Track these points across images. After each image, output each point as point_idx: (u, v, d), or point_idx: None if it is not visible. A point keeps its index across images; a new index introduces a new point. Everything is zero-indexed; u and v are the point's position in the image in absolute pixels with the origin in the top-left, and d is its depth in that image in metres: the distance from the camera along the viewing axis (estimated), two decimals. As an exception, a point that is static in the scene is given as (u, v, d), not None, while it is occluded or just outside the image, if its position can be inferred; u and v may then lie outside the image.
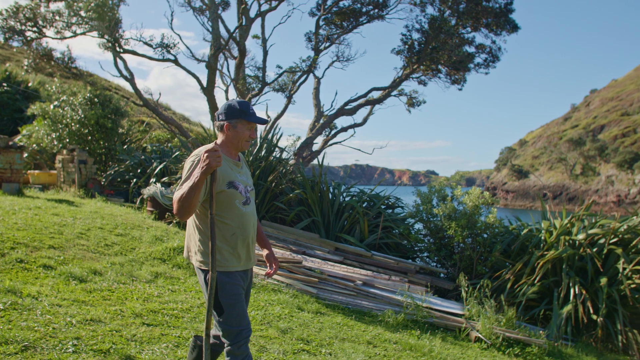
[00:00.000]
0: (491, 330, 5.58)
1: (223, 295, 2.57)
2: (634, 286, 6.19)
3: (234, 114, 2.67)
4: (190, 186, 2.36)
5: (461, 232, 7.06)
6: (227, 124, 2.68)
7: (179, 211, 2.41)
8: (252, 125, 2.72)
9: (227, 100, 2.76)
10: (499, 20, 13.40)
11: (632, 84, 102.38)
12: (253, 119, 2.69)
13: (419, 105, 16.02)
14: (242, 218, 2.66)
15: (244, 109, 2.69)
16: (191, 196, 2.37)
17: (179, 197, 2.40)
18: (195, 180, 2.36)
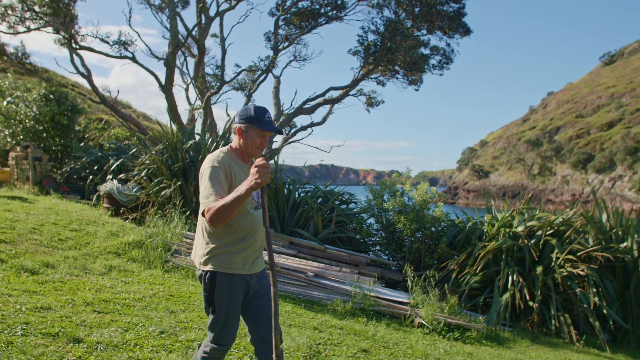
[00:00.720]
0: (434, 316, 5.90)
1: (219, 297, 2.56)
2: (566, 274, 6.63)
3: (247, 118, 2.61)
4: (234, 198, 2.32)
5: (410, 226, 7.39)
6: (240, 128, 2.63)
7: (215, 220, 2.37)
8: (265, 133, 2.64)
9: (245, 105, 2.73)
10: (452, 23, 13.91)
11: (586, 88, 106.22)
12: (265, 126, 2.61)
13: (378, 105, 16.45)
14: (252, 222, 2.65)
15: (258, 116, 2.62)
16: (234, 208, 2.33)
17: (219, 207, 2.34)
18: (240, 193, 2.31)
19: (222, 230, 2.58)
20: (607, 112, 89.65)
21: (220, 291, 2.55)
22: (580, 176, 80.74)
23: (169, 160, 8.46)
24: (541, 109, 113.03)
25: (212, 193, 2.43)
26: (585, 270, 6.54)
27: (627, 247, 7.04)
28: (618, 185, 76.21)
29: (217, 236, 2.58)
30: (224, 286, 2.55)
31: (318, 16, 14.82)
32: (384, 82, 16.05)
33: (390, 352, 4.55)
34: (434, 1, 13.41)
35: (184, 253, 6.69)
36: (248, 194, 2.32)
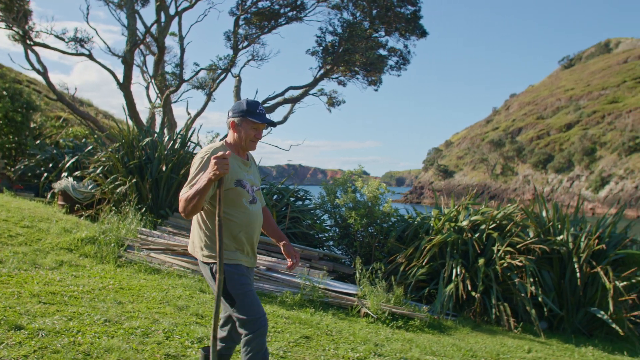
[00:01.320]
0: (379, 306, 6.17)
1: (232, 286, 2.59)
2: (505, 265, 7.00)
3: (240, 112, 2.67)
4: (196, 189, 2.39)
5: (360, 221, 7.65)
6: (233, 122, 2.69)
7: (184, 210, 2.45)
8: (259, 125, 2.68)
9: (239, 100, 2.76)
10: (408, 26, 14.31)
11: (546, 90, 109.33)
12: (258, 118, 2.65)
13: (339, 105, 16.75)
14: (248, 216, 2.68)
15: (251, 109, 2.66)
16: (196, 199, 2.39)
17: (185, 198, 2.43)
18: (202, 184, 2.38)
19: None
20: (566, 114, 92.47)
21: (232, 281, 2.60)
22: (540, 176, 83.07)
23: (125, 157, 8.50)
24: (504, 110, 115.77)
25: (189, 185, 2.50)
26: (524, 262, 6.92)
27: (563, 240, 7.47)
28: (576, 184, 78.74)
29: (214, 230, 2.61)
30: (234, 276, 2.61)
31: (278, 16, 15.02)
32: (344, 82, 16.39)
33: (332, 339, 4.77)
34: (390, 4, 13.80)
35: (137, 248, 6.78)
36: (208, 186, 2.38)
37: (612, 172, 75.10)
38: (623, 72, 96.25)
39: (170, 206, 8.52)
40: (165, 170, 8.40)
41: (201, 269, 2.75)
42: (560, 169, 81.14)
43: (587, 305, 7.25)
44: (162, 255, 6.75)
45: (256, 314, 2.59)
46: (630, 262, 7.46)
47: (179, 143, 8.97)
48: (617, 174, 74.10)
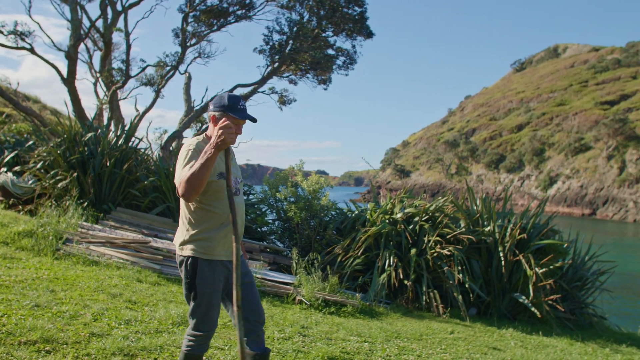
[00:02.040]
0: (313, 294, 6.45)
1: (201, 282, 2.57)
2: (435, 254, 7.41)
3: (221, 106, 2.63)
4: (202, 163, 2.34)
5: (300, 214, 7.92)
6: (214, 116, 2.65)
7: (187, 190, 2.37)
8: (239, 121, 2.63)
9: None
10: (355, 26, 14.71)
11: (499, 92, 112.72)
12: (239, 114, 2.62)
13: (290, 104, 17.00)
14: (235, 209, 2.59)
15: (232, 104, 2.63)
16: (203, 173, 2.34)
17: (188, 177, 2.35)
18: (208, 156, 2.34)
19: (203, 216, 2.61)
20: (517, 115, 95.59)
21: (202, 277, 2.56)
22: (493, 175, 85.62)
23: (67, 152, 8.50)
24: (459, 111, 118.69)
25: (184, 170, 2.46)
26: (452, 251, 7.35)
27: (490, 231, 7.95)
28: (526, 183, 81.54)
29: (198, 222, 2.61)
30: (206, 272, 2.57)
31: (227, 15, 15.12)
32: (295, 81, 16.65)
33: (261, 322, 5.01)
34: (337, 4, 14.17)
35: (75, 241, 6.83)
36: (215, 156, 2.35)
37: (559, 171, 78.15)
38: (570, 76, 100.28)
39: (114, 201, 8.57)
40: (109, 166, 8.44)
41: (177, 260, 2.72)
42: (511, 168, 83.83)
43: (512, 291, 7.74)
44: (101, 247, 6.82)
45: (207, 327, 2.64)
46: (551, 251, 8.02)
47: (123, 139, 9.01)
48: (564, 173, 77.16)
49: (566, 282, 8.20)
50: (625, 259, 36.18)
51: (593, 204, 71.29)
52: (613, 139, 73.47)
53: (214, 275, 2.60)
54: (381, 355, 4.51)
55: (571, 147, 78.66)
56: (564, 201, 74.30)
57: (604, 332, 7.89)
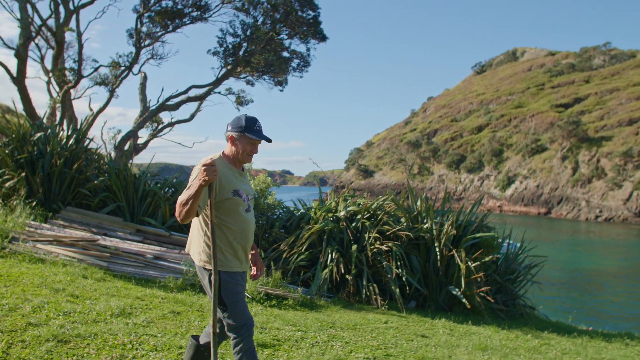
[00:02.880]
0: (256, 288, 6.76)
1: (226, 294, 2.82)
2: (375, 250, 7.83)
3: (239, 128, 2.85)
4: (188, 195, 2.60)
5: (247, 212, 8.23)
6: (232, 136, 2.87)
7: (179, 215, 2.65)
8: (255, 141, 2.87)
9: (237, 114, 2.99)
10: (309, 30, 15.08)
11: (460, 94, 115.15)
12: (256, 135, 2.85)
13: (247, 104, 17.23)
14: (244, 224, 2.89)
15: (249, 125, 2.85)
16: (189, 203, 2.59)
17: (179, 202, 2.64)
18: (193, 190, 2.59)
19: (218, 233, 2.83)
20: (477, 117, 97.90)
21: (226, 289, 2.82)
22: (454, 176, 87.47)
23: (15, 151, 8.55)
24: (421, 112, 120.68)
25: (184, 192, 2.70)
26: (391, 247, 7.79)
27: (428, 228, 8.43)
28: (486, 183, 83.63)
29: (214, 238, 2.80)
30: (229, 285, 2.83)
31: (182, 16, 15.26)
32: (252, 82, 16.90)
33: (200, 314, 5.31)
34: (291, 8, 14.49)
35: (22, 240, 6.95)
36: (200, 191, 2.59)
37: (517, 172, 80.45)
38: (527, 79, 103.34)
39: (63, 200, 8.67)
40: (58, 165, 8.54)
41: (198, 273, 2.96)
42: (471, 169, 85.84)
43: (448, 284, 8.23)
44: (48, 246, 6.96)
45: (244, 320, 2.86)
46: (484, 246, 8.56)
47: (74, 138, 9.11)
48: (521, 173, 79.49)
49: (499, 275, 8.76)
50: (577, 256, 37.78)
51: (548, 203, 73.75)
52: (567, 141, 76.17)
53: (236, 283, 2.87)
54: (310, 342, 4.87)
55: (528, 148, 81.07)
56: (521, 201, 76.60)
57: (532, 321, 8.48)
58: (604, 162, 71.50)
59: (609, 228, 59.11)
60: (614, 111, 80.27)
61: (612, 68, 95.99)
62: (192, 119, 16.36)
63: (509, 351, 5.84)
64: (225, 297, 2.82)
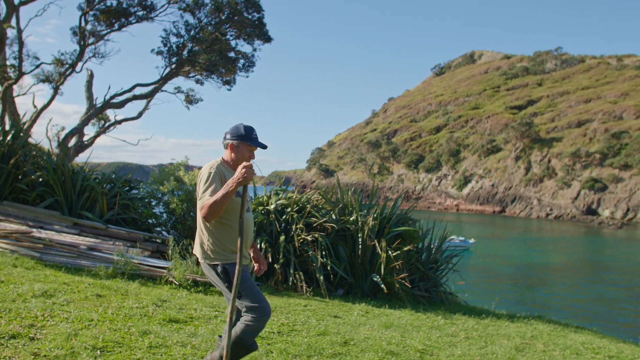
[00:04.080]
0: (184, 276, 7.19)
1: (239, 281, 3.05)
2: (302, 240, 8.35)
3: (239, 136, 3.13)
4: (224, 194, 2.84)
5: (181, 205, 8.63)
6: (232, 144, 3.14)
7: (210, 214, 2.88)
8: (253, 147, 3.16)
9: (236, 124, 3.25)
10: (255, 31, 15.52)
11: (419, 95, 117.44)
12: (254, 143, 3.15)
13: (197, 103, 17.54)
14: (248, 223, 3.20)
15: (248, 133, 3.13)
16: (224, 201, 2.84)
17: (212, 202, 2.85)
18: (229, 189, 2.84)
19: (221, 230, 3.10)
20: (436, 117, 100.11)
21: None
22: (413, 175, 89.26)
23: (-51, 147, 8.70)
24: (382, 113, 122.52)
25: (206, 194, 2.96)
26: (317, 237, 8.33)
27: (354, 220, 9.01)
28: (443, 183, 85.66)
29: (218, 235, 3.11)
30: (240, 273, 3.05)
31: (128, 15, 15.44)
32: (202, 82, 17.23)
33: (124, 297, 5.70)
34: (236, 10, 14.90)
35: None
36: (236, 188, 2.85)
37: (473, 171, 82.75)
38: (484, 81, 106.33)
39: (0, 195, 8.86)
40: (-5, 161, 8.73)
41: (205, 272, 3.25)
42: (430, 168, 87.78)
43: (372, 272, 8.83)
44: (-19, 237, 7.20)
45: (262, 301, 3.14)
46: (407, 237, 9.21)
47: (12, 135, 9.30)
48: (477, 173, 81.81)
49: (422, 264, 9.42)
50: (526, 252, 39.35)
51: (503, 202, 76.17)
52: (520, 141, 78.78)
53: (244, 272, 3.16)
54: (222, 319, 5.34)
55: (484, 149, 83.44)
56: (477, 199, 78.84)
57: (451, 306, 9.16)
58: (555, 162, 74.33)
59: (558, 225, 61.64)
60: (564, 113, 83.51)
61: (563, 72, 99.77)
62: (139, 116, 16.59)
63: (412, 328, 6.45)
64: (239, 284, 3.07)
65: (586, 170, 70.51)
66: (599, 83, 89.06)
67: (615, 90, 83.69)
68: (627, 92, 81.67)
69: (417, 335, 5.97)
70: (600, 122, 76.13)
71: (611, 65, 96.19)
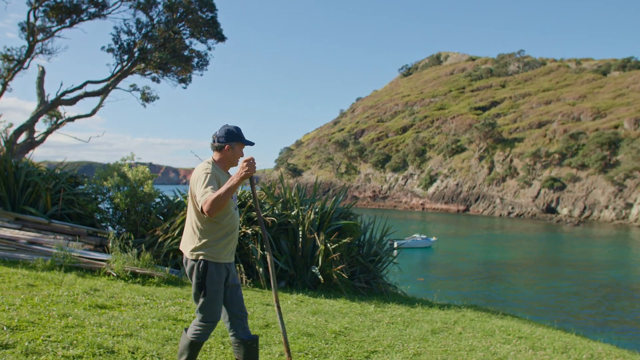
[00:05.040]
0: (123, 268, 7.39)
1: (210, 282, 3.18)
2: (242, 234, 8.63)
3: (233, 137, 3.31)
4: (227, 188, 2.95)
5: (125, 200, 8.81)
6: (228, 146, 3.31)
7: (213, 209, 2.95)
8: (243, 146, 3.38)
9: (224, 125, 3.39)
10: (209, 30, 15.70)
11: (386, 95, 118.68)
12: (246, 142, 3.39)
13: (154, 100, 17.61)
14: (233, 219, 3.33)
15: (240, 134, 3.34)
16: (227, 196, 2.95)
17: (215, 198, 2.94)
18: (233, 183, 2.96)
19: (212, 227, 3.22)
20: (402, 118, 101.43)
21: (211, 277, 3.15)
22: (379, 174, 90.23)
23: None
24: (350, 113, 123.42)
25: (207, 191, 3.05)
26: (257, 230, 8.62)
27: (295, 214, 9.34)
28: (409, 182, 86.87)
29: (208, 232, 3.21)
30: (213, 273, 3.16)
31: (79, 12, 15.39)
32: (158, 79, 17.30)
33: (56, 286, 5.89)
34: (189, 9, 15.05)
35: None
36: (239, 183, 2.98)
37: (438, 171, 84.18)
38: (450, 82, 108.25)
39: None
40: None
41: (187, 268, 3.30)
42: (396, 168, 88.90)
43: (312, 265, 9.18)
44: None
45: (213, 318, 3.25)
46: (347, 230, 9.59)
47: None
48: (442, 172, 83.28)
49: (362, 257, 9.81)
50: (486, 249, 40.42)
51: (467, 201, 77.78)
52: (484, 142, 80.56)
53: (220, 276, 3.22)
54: (150, 306, 5.59)
55: (449, 149, 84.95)
56: (442, 198, 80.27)
57: (390, 297, 9.57)
58: (516, 162, 76.32)
59: (520, 223, 63.38)
60: (525, 114, 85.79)
61: (525, 74, 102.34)
62: (93, 113, 16.55)
63: (339, 314, 6.81)
64: (208, 285, 3.18)
65: (546, 169, 72.60)
66: (559, 85, 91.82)
67: (573, 93, 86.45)
68: (585, 95, 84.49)
69: (340, 320, 6.34)
70: (560, 123, 78.52)
71: (570, 68, 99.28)
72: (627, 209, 63.02)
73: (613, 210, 64.18)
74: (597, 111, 76.63)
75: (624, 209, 63.30)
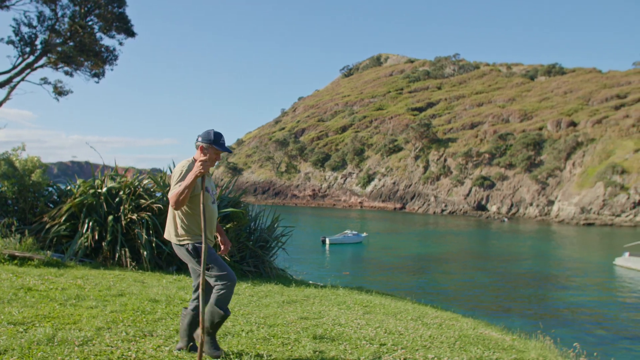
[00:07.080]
0: (0, 251, 7.72)
1: (206, 254, 3.59)
2: (129, 220, 9.11)
3: (208, 140, 3.65)
4: (185, 185, 3.42)
5: (12, 188, 9.10)
6: (202, 146, 3.65)
7: (176, 203, 3.46)
8: (219, 151, 3.70)
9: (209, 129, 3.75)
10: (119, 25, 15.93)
11: (327, 95, 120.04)
12: (221, 148, 3.69)
13: (67, 94, 17.58)
14: (211, 213, 3.77)
15: (217, 139, 3.66)
16: (185, 192, 3.41)
17: (177, 193, 3.44)
18: (189, 181, 3.42)
19: (190, 217, 3.69)
20: (342, 117, 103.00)
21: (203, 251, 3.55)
22: (319, 173, 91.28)
23: None
24: (291, 112, 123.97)
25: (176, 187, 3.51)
26: (144, 217, 9.11)
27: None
28: (348, 181, 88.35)
29: (187, 221, 3.69)
30: (202, 248, 3.57)
31: (-20, 2, 15.25)
32: (71, 73, 17.29)
33: None
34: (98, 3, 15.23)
35: None
36: (194, 180, 3.45)
37: (376, 170, 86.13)
38: (388, 83, 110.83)
39: None
40: None
41: (175, 250, 3.82)
42: (335, 167, 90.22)
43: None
44: None
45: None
46: (234, 217, 10.22)
47: None
48: (380, 171, 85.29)
49: (251, 243, 10.47)
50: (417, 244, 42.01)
51: (403, 199, 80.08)
52: (419, 141, 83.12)
53: (210, 249, 3.73)
54: (12, 282, 6.02)
55: (386, 148, 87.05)
56: (380, 197, 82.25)
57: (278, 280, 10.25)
58: (450, 161, 79.28)
59: (452, 220, 66.00)
60: (459, 116, 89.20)
61: (460, 77, 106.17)
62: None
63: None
64: (207, 259, 3.64)
65: (477, 169, 75.84)
66: (491, 88, 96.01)
67: (504, 96, 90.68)
68: (514, 98, 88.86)
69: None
70: (490, 124, 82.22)
71: (502, 72, 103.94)
72: (549, 205, 66.93)
73: (537, 207, 67.95)
74: (524, 113, 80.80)
75: (546, 206, 67.17)
